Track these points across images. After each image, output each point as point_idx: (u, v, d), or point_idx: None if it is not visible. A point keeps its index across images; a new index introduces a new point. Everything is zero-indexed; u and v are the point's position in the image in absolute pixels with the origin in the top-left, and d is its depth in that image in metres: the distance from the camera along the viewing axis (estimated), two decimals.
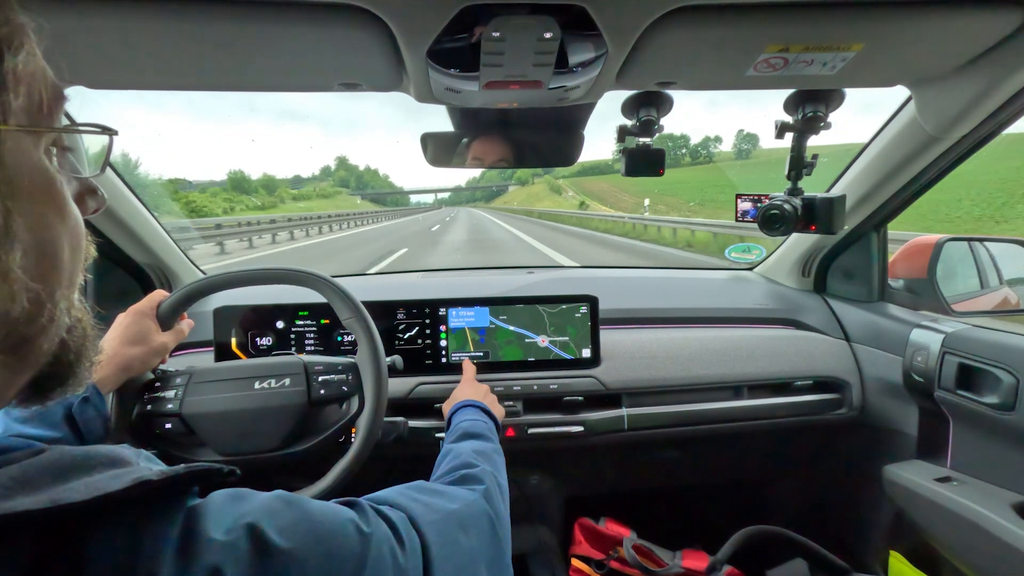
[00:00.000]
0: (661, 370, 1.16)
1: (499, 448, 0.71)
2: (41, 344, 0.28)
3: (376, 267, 8.88)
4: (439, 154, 0.95)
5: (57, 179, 0.28)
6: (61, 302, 0.29)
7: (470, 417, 0.77)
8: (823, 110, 0.86)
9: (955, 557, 0.94)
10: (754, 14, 0.60)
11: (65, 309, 0.29)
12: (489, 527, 0.49)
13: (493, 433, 0.75)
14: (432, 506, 0.44)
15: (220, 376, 0.77)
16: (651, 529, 1.30)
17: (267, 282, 0.83)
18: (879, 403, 1.19)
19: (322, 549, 0.30)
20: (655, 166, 0.93)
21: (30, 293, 0.25)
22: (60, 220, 0.28)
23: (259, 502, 0.30)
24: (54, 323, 0.28)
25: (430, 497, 0.46)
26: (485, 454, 0.65)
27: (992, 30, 0.66)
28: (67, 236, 0.29)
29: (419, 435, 1.04)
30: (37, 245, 0.26)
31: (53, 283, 0.27)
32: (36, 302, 0.26)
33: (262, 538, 0.27)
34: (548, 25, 0.57)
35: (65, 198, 0.29)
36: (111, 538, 0.22)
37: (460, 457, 0.62)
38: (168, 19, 0.57)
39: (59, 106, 0.29)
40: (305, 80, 0.73)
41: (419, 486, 0.49)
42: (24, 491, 0.22)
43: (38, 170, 0.27)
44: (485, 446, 0.68)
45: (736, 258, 1.60)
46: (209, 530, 0.26)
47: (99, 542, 0.22)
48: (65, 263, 0.28)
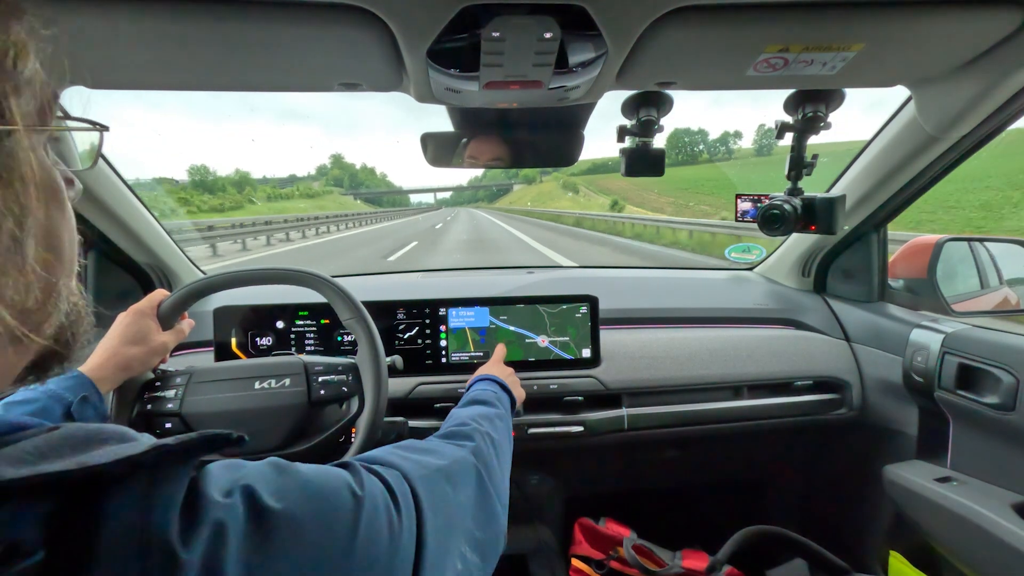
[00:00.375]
0: (661, 370, 1.16)
1: (503, 413, 0.72)
2: (45, 330, 0.29)
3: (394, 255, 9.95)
4: (439, 154, 0.95)
5: (57, 174, 0.30)
6: (63, 290, 0.30)
7: (482, 387, 0.80)
8: (823, 110, 0.86)
9: (955, 557, 0.94)
10: (754, 14, 0.60)
11: (66, 296, 0.31)
12: (476, 480, 0.51)
13: (501, 402, 0.76)
14: (421, 463, 0.45)
15: (220, 376, 0.77)
16: (651, 529, 1.30)
17: (267, 282, 0.83)
18: (879, 403, 1.19)
19: (316, 509, 0.31)
20: (655, 166, 0.93)
21: (41, 284, 0.27)
22: (61, 212, 0.30)
23: (253, 467, 0.32)
24: (57, 309, 0.30)
25: (419, 455, 0.47)
26: (485, 416, 0.67)
27: (992, 30, 0.66)
28: (66, 226, 0.30)
29: (419, 435, 1.04)
30: (45, 238, 0.28)
31: (58, 273, 0.29)
32: (45, 292, 0.28)
33: (257, 500, 0.29)
34: (548, 25, 0.57)
35: (63, 191, 0.30)
36: (125, 503, 0.24)
37: (458, 419, 0.65)
38: (168, 19, 0.57)
39: (56, 105, 0.30)
40: (305, 80, 0.73)
41: (408, 444, 0.51)
42: (48, 459, 0.23)
43: (43, 167, 0.28)
44: (487, 410, 0.70)
45: (736, 258, 1.60)
46: (210, 491, 0.27)
47: (115, 502, 0.23)
48: (67, 252, 0.30)
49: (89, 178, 0.96)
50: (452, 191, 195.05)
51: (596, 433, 1.11)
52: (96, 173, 0.98)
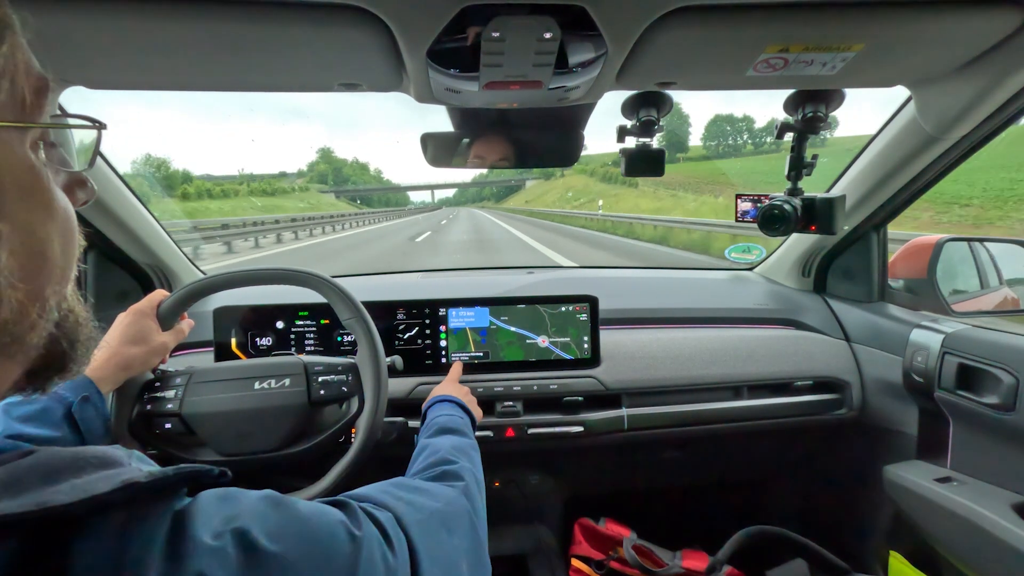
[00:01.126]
0: (661, 370, 1.16)
1: (475, 444, 0.71)
2: (30, 340, 0.27)
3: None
4: (439, 154, 0.95)
5: (44, 174, 0.27)
6: (51, 298, 0.28)
7: (446, 412, 0.77)
8: (823, 110, 0.86)
9: (955, 557, 0.94)
10: (754, 14, 0.60)
11: (55, 304, 0.29)
12: (469, 524, 0.50)
13: (469, 429, 0.75)
14: (416, 505, 0.44)
15: (220, 376, 0.77)
16: (651, 529, 1.31)
17: (267, 282, 0.83)
18: (879, 403, 1.19)
19: (312, 552, 0.30)
20: (655, 166, 0.93)
21: (17, 293, 0.25)
22: (49, 217, 0.27)
23: (248, 504, 0.30)
24: (43, 319, 0.27)
25: (413, 495, 0.46)
26: (463, 450, 0.65)
27: (992, 30, 0.66)
28: (57, 232, 0.28)
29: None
30: (25, 244, 0.25)
31: (42, 281, 0.27)
32: (24, 302, 0.25)
33: (251, 542, 0.27)
34: (548, 25, 0.57)
35: (53, 193, 0.28)
36: (97, 541, 0.22)
37: (438, 453, 0.62)
38: (168, 19, 0.57)
39: (45, 100, 0.28)
40: (305, 80, 0.73)
41: (400, 483, 0.49)
42: (10, 493, 0.21)
43: (23, 167, 0.26)
44: (463, 442, 0.68)
45: (736, 258, 1.60)
46: (197, 533, 0.25)
47: (85, 545, 0.22)
48: (55, 260, 0.28)
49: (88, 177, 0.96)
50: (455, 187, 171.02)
51: (596, 433, 1.11)
52: (95, 172, 0.98)
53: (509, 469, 1.25)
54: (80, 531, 0.22)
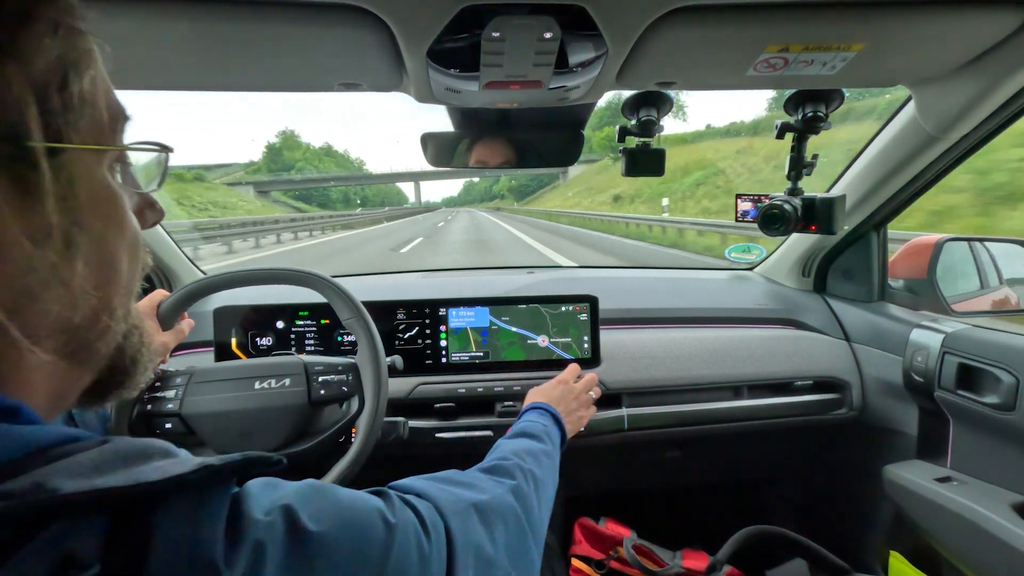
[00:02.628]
0: (661, 370, 1.16)
1: (550, 450, 0.70)
2: (100, 348, 0.30)
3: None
4: (439, 154, 0.95)
5: (119, 194, 0.30)
6: (119, 309, 0.31)
7: (531, 419, 0.78)
8: (823, 110, 0.86)
9: (955, 557, 0.94)
10: (754, 14, 0.60)
11: (122, 316, 0.31)
12: (515, 520, 0.50)
13: (549, 437, 0.74)
14: (457, 496, 0.45)
15: (220, 376, 0.77)
16: (651, 529, 1.30)
17: (267, 282, 0.83)
18: (879, 403, 1.19)
19: (350, 535, 0.31)
20: (655, 166, 0.93)
21: (90, 300, 0.28)
22: (120, 233, 0.30)
23: (292, 488, 0.32)
24: (111, 330, 0.30)
25: (456, 487, 0.47)
26: (530, 452, 0.65)
27: (992, 30, 0.66)
28: (126, 248, 0.30)
29: (419, 435, 1.04)
30: (98, 256, 0.28)
31: (112, 292, 0.29)
32: (96, 309, 0.28)
33: (296, 521, 0.29)
34: (548, 25, 0.57)
35: (126, 212, 0.31)
36: (175, 515, 0.24)
37: (501, 452, 0.63)
38: (167, 19, 0.57)
39: (122, 125, 0.30)
40: (305, 80, 0.73)
41: (446, 476, 0.50)
42: (99, 473, 0.23)
43: (101, 186, 0.28)
44: (533, 445, 0.68)
45: (736, 258, 1.60)
46: (252, 510, 0.28)
47: (166, 518, 0.24)
48: (124, 273, 0.30)
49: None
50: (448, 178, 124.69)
51: (596, 433, 1.11)
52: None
53: None
54: (162, 508, 0.24)
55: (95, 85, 0.28)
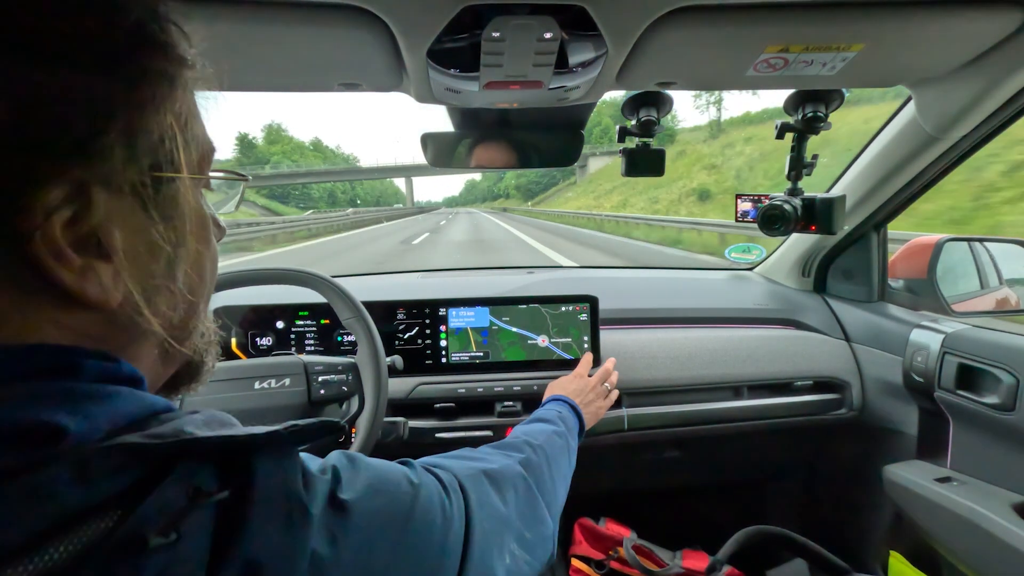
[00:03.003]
0: (661, 370, 1.17)
1: (562, 431, 0.72)
2: (187, 346, 0.35)
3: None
4: (439, 154, 0.95)
5: (208, 216, 0.36)
6: (202, 313, 0.37)
7: (549, 407, 0.81)
8: (823, 110, 0.86)
9: (955, 557, 0.94)
10: (754, 14, 0.60)
11: (203, 319, 0.37)
12: (524, 487, 0.54)
13: (564, 420, 0.76)
14: (467, 464, 0.50)
15: (220, 376, 0.77)
16: (651, 529, 1.31)
17: (267, 282, 0.83)
18: (879, 403, 1.19)
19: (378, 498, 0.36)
20: (655, 166, 0.94)
21: (186, 304, 0.33)
22: (207, 248, 0.35)
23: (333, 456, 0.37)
24: (196, 330, 0.36)
25: (466, 460, 0.52)
26: (541, 431, 0.68)
27: (992, 30, 0.66)
28: (209, 259, 0.36)
29: (419, 435, 1.04)
30: (193, 268, 0.33)
31: (199, 297, 0.35)
32: (188, 312, 0.34)
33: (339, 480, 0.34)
34: (548, 25, 0.57)
35: (211, 230, 0.36)
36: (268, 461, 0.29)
37: (513, 434, 0.67)
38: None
39: (211, 159, 0.36)
40: (305, 80, 0.73)
41: (458, 452, 0.55)
42: (213, 429, 0.28)
43: (198, 209, 0.34)
44: (544, 427, 0.71)
45: (736, 258, 1.60)
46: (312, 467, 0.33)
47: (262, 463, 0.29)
48: (208, 282, 0.36)
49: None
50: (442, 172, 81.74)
51: (596, 433, 1.11)
52: None
53: None
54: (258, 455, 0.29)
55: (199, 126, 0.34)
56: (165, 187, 0.30)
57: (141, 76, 0.28)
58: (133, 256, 0.29)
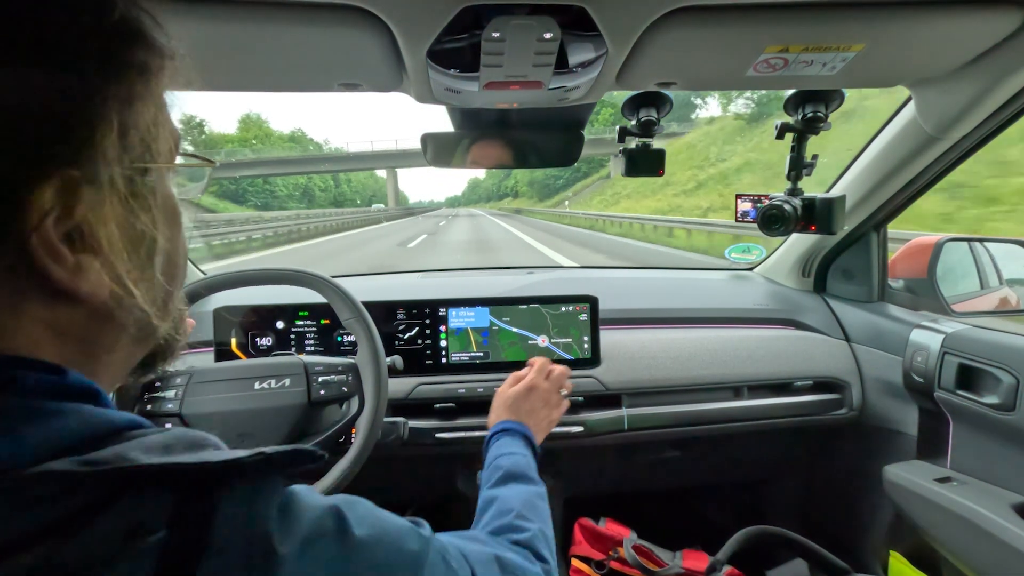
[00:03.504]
0: (661, 370, 1.16)
1: (542, 490, 0.65)
2: (160, 331, 0.35)
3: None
4: (439, 154, 0.95)
5: (178, 203, 0.36)
6: (177, 298, 0.36)
7: (508, 451, 0.70)
8: (823, 110, 0.86)
9: (955, 557, 0.94)
10: (754, 14, 0.60)
11: (177, 303, 0.37)
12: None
13: (534, 469, 0.69)
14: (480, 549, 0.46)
15: (220, 376, 0.77)
16: (651, 529, 1.30)
17: (267, 282, 0.83)
18: (879, 403, 1.19)
19: (388, 542, 0.34)
20: (655, 166, 0.94)
21: (162, 291, 0.33)
22: (180, 235, 0.35)
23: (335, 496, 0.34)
24: (171, 315, 0.36)
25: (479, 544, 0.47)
26: (532, 505, 0.60)
27: (992, 30, 0.66)
28: (181, 245, 0.36)
29: (419, 435, 1.04)
30: (169, 255, 0.33)
31: (175, 284, 0.35)
32: (165, 299, 0.34)
33: (344, 522, 0.31)
34: (548, 25, 0.57)
35: (182, 216, 0.36)
36: (235, 496, 0.26)
37: (509, 512, 0.58)
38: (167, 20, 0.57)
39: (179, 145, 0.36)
40: (305, 80, 0.73)
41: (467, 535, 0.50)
42: (168, 454, 0.26)
43: (171, 198, 0.34)
44: (530, 491, 0.63)
45: (736, 258, 1.60)
46: (304, 502, 0.30)
47: (226, 496, 0.26)
48: (181, 268, 0.36)
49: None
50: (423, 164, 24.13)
51: (596, 433, 1.11)
52: None
53: None
54: (224, 487, 0.26)
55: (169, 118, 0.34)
56: (145, 178, 0.30)
57: (128, 70, 0.29)
58: (119, 248, 0.29)
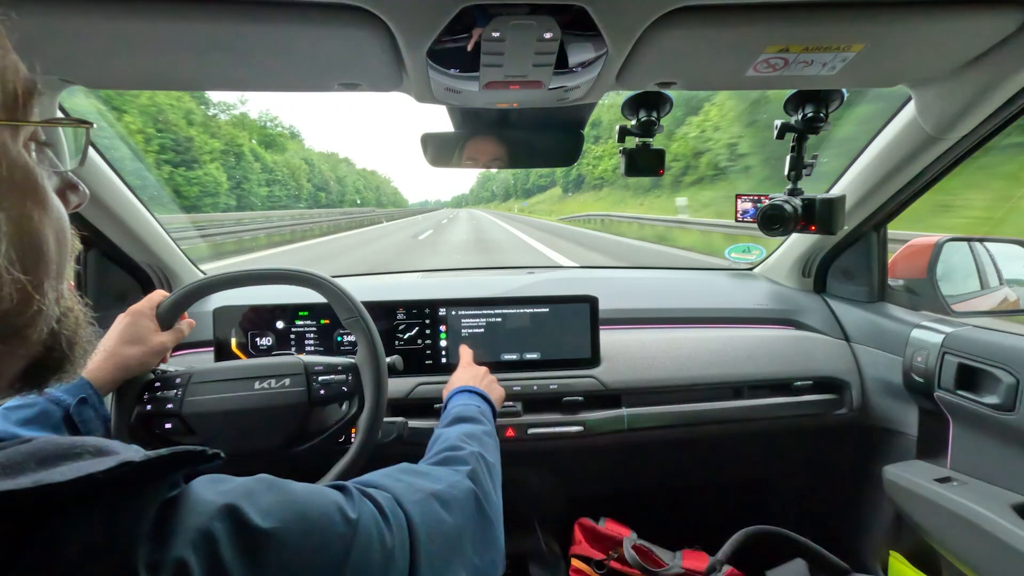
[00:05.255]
0: (661, 370, 1.16)
1: (490, 430, 0.71)
2: (30, 334, 0.28)
3: None
4: (439, 154, 0.95)
5: (37, 172, 0.29)
6: (49, 293, 0.29)
7: (463, 402, 0.77)
8: (823, 110, 0.86)
9: (955, 557, 0.94)
10: (754, 14, 0.60)
11: (54, 300, 0.30)
12: (474, 504, 0.50)
13: (485, 416, 0.75)
14: (415, 486, 0.45)
15: (220, 376, 0.77)
16: (651, 529, 1.30)
17: (267, 282, 0.83)
18: (879, 403, 1.19)
19: (305, 529, 0.30)
20: (655, 166, 0.94)
21: (17, 284, 0.26)
22: (43, 213, 0.28)
23: (239, 484, 0.30)
24: (43, 313, 0.29)
25: (413, 478, 0.47)
26: (474, 436, 0.65)
27: (992, 30, 0.66)
28: (51, 229, 0.29)
29: (419, 435, 1.04)
30: (21, 238, 0.27)
31: (40, 274, 0.28)
32: (24, 293, 0.27)
33: (242, 519, 0.27)
34: (548, 25, 0.57)
35: (46, 191, 0.29)
36: (89, 518, 0.22)
37: (448, 440, 0.63)
38: (167, 20, 0.57)
39: (34, 101, 0.29)
40: (305, 80, 0.73)
41: (403, 468, 0.50)
42: (8, 475, 0.22)
43: (17, 164, 0.27)
44: (475, 428, 0.68)
45: (736, 258, 1.60)
46: (186, 512, 0.26)
47: (76, 522, 0.22)
48: (51, 255, 0.29)
49: (87, 177, 0.96)
50: None
51: (596, 433, 1.11)
52: (94, 172, 0.98)
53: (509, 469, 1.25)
54: (74, 511, 0.22)
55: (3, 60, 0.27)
56: None
57: None
58: None
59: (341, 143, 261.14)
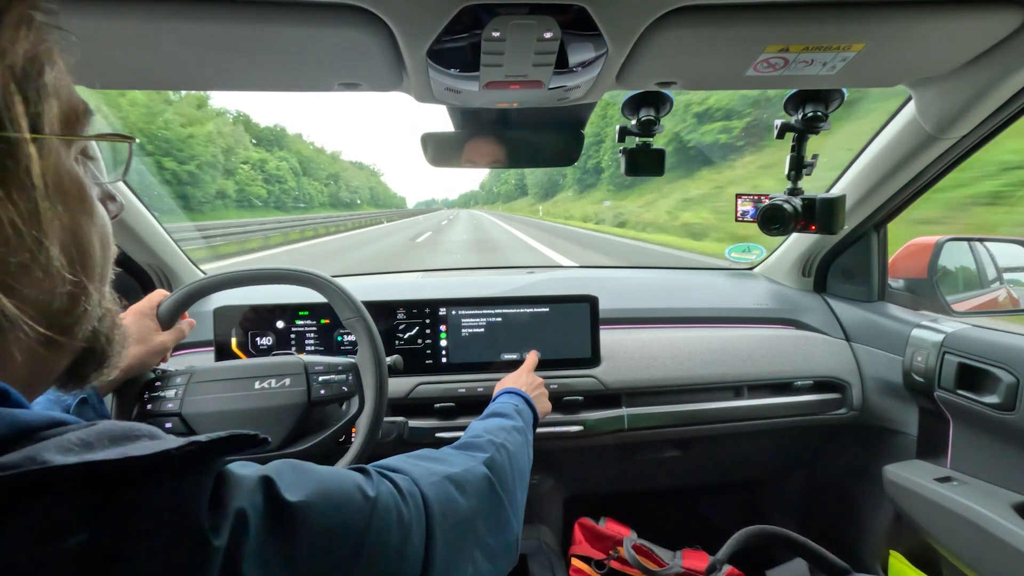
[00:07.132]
0: (661, 370, 1.17)
1: (521, 426, 0.71)
2: (77, 332, 0.31)
3: None
4: (439, 154, 0.95)
5: (87, 183, 0.32)
6: (94, 294, 0.32)
7: (504, 400, 0.80)
8: (823, 110, 0.86)
9: (955, 557, 0.94)
10: (754, 14, 0.60)
11: (97, 301, 0.33)
12: (488, 489, 0.52)
13: (521, 415, 0.76)
14: (431, 469, 0.47)
15: (220, 376, 0.77)
16: (651, 529, 1.31)
17: (268, 282, 0.83)
18: (879, 403, 1.19)
19: (329, 504, 0.33)
20: (655, 166, 0.94)
21: (68, 286, 0.29)
22: (90, 220, 0.31)
23: (271, 465, 0.33)
24: (88, 313, 0.32)
25: (430, 463, 0.50)
26: (501, 428, 0.67)
27: (992, 30, 0.66)
28: (97, 235, 0.32)
29: (419, 435, 1.04)
30: (72, 242, 0.29)
31: (87, 277, 0.31)
32: (73, 294, 0.30)
33: (274, 491, 0.30)
34: (548, 25, 0.57)
35: (94, 200, 0.32)
36: (161, 488, 0.25)
37: (474, 430, 0.65)
38: (168, 20, 0.57)
39: (87, 119, 0.32)
40: (305, 80, 0.73)
41: (421, 453, 0.53)
42: (89, 451, 0.24)
43: (70, 175, 0.30)
44: (504, 423, 0.70)
45: (736, 258, 1.60)
46: (233, 484, 0.29)
47: (151, 491, 0.25)
48: (97, 259, 0.32)
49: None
50: None
51: (596, 433, 1.11)
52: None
53: None
54: (150, 481, 0.25)
55: (61, 78, 0.29)
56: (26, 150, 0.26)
57: None
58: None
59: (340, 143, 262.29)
